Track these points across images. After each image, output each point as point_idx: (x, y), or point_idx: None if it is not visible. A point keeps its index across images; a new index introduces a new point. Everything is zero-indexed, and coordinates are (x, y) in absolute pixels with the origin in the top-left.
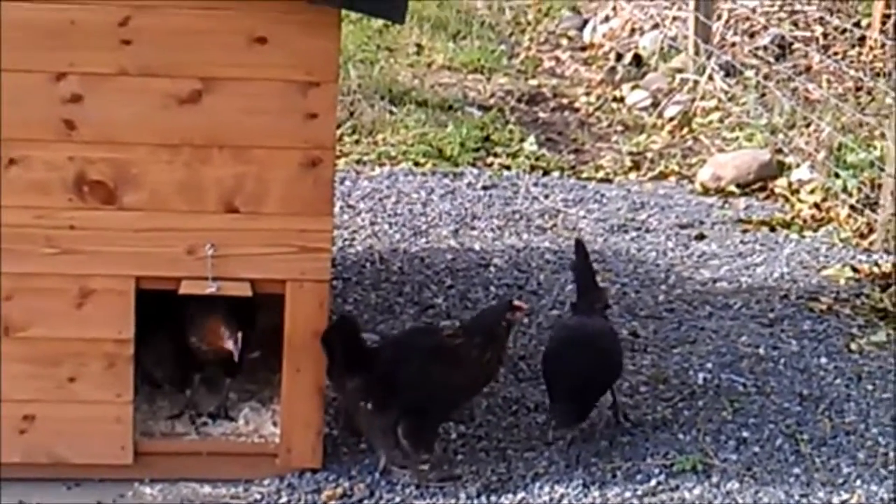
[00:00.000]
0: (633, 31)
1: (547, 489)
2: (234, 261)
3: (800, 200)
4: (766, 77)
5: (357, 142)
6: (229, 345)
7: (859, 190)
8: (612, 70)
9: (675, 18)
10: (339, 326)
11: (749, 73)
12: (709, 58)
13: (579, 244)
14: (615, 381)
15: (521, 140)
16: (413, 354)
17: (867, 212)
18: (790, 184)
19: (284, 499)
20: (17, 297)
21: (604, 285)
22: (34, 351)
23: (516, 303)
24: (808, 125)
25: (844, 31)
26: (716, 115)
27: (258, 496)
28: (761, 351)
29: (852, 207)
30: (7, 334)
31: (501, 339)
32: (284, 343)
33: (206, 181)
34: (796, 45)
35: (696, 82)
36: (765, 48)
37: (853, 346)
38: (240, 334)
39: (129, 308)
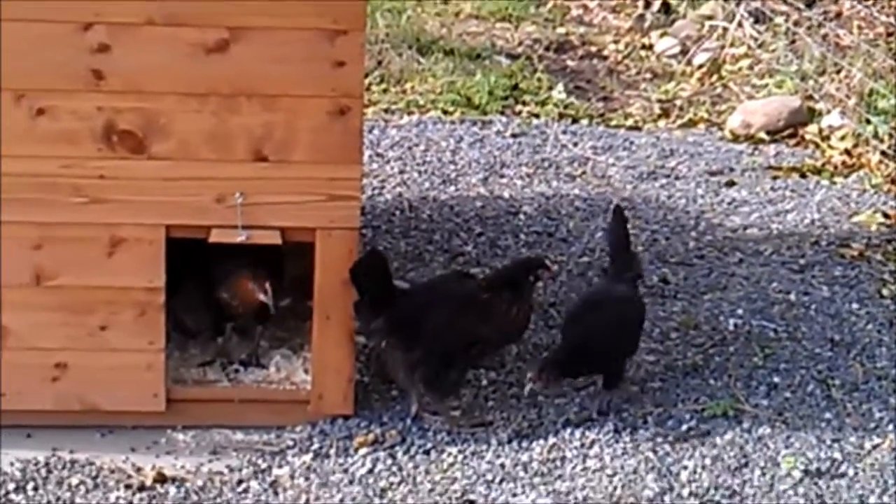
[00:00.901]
0: None
1: (577, 435)
2: (264, 209)
3: (830, 147)
4: (795, 23)
5: (385, 91)
6: (261, 297)
7: (890, 136)
8: (641, 17)
9: None
10: (367, 260)
11: (779, 19)
12: (738, 4)
13: (617, 209)
14: (625, 353)
15: (550, 88)
16: (442, 300)
17: None
18: (820, 130)
19: (316, 445)
20: (48, 247)
21: (638, 250)
22: (65, 299)
23: (546, 262)
24: (838, 71)
25: None
26: (745, 62)
27: (290, 442)
28: (792, 297)
29: (883, 153)
30: (38, 283)
31: (527, 294)
32: (314, 291)
33: (235, 130)
34: None
35: (725, 29)
36: None
37: (885, 292)
38: (269, 284)
39: (160, 256)
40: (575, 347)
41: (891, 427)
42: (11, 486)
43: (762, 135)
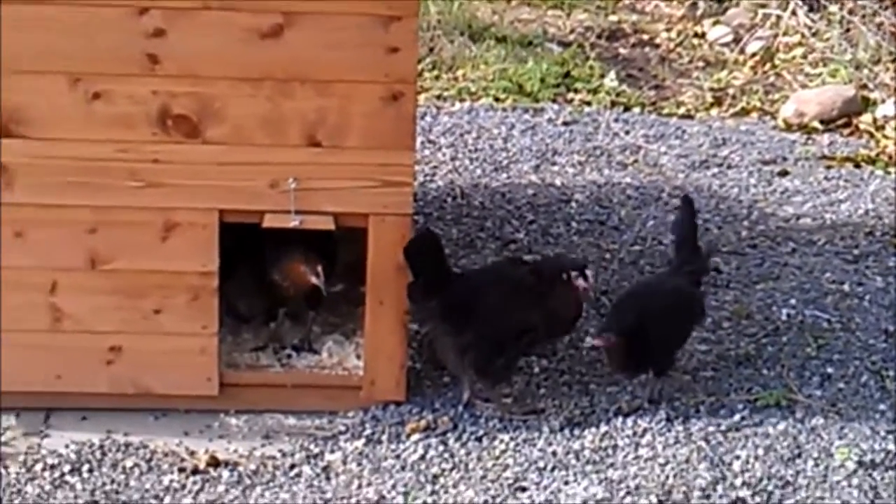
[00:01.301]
0: None
1: (630, 423)
2: (317, 194)
3: (885, 136)
4: (850, 11)
5: (437, 77)
6: (313, 279)
7: None
8: (694, 5)
9: None
10: (421, 239)
11: (833, 7)
12: None
13: (686, 200)
14: (673, 344)
15: (602, 76)
16: (496, 286)
17: None
18: (875, 120)
19: (368, 430)
20: (103, 230)
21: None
22: (120, 283)
23: (582, 283)
24: (893, 60)
25: None
26: (799, 51)
27: (342, 428)
28: (846, 287)
29: None
30: (93, 267)
31: (560, 291)
32: (367, 276)
33: (289, 115)
34: None
35: (778, 17)
36: None
37: None
38: (321, 267)
39: (213, 241)
40: (636, 327)
41: None
42: (67, 467)
43: (816, 124)
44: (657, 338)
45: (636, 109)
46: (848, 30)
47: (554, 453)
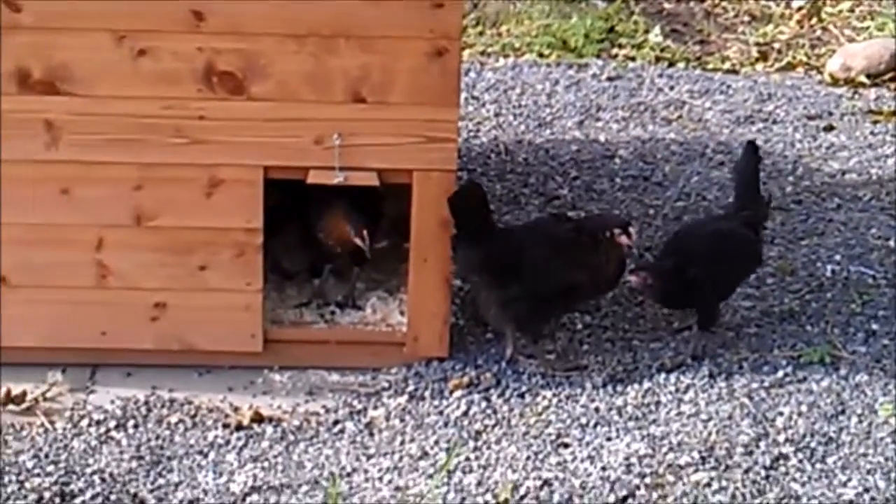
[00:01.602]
0: None
1: (672, 379)
2: (361, 151)
3: None
4: None
5: (481, 33)
6: (357, 241)
7: None
8: None
9: None
10: (466, 191)
11: None
12: None
13: (751, 145)
14: (719, 288)
15: (646, 31)
16: (540, 241)
17: None
18: None
19: (412, 387)
20: (148, 187)
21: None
22: (165, 240)
23: (625, 240)
24: None
25: None
26: (846, 5)
27: (385, 384)
28: (891, 243)
29: None
30: (139, 223)
31: (604, 248)
32: (412, 233)
33: (333, 71)
34: None
35: None
36: None
37: None
38: (365, 229)
39: (258, 197)
40: (674, 268)
41: None
42: (112, 423)
43: (862, 78)
44: (699, 278)
45: (681, 65)
46: None
47: (597, 409)
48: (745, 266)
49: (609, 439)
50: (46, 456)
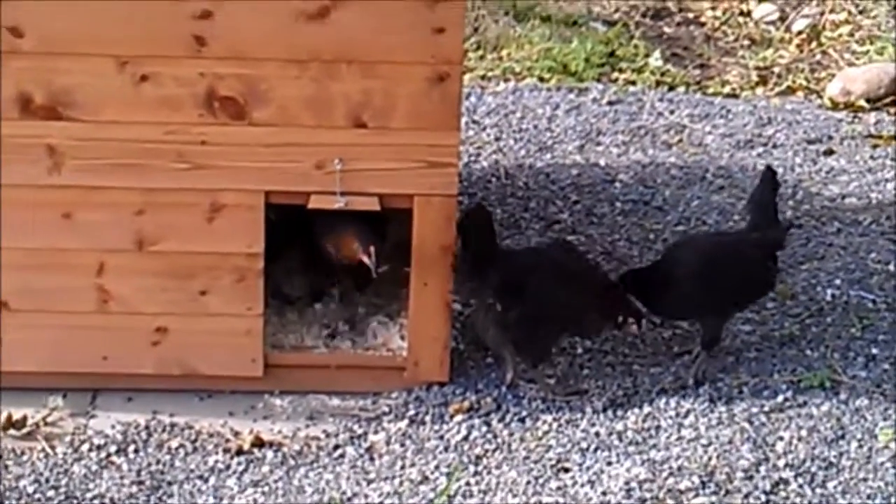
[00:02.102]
0: None
1: (673, 404)
2: (363, 175)
3: None
4: None
5: (481, 57)
6: (364, 259)
7: None
8: None
9: None
10: (476, 212)
11: None
12: None
13: (768, 169)
14: (712, 304)
15: (647, 55)
16: (546, 266)
17: None
18: None
19: (412, 411)
20: (150, 212)
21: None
22: (166, 264)
23: None
24: None
25: None
26: (846, 29)
27: (386, 409)
28: (891, 267)
29: None
30: (140, 248)
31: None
32: (412, 257)
33: (335, 96)
34: None
35: None
36: None
37: None
38: (373, 248)
39: (259, 222)
40: (654, 268)
41: None
42: (113, 448)
43: (862, 102)
44: (682, 280)
45: (681, 89)
46: (895, 7)
47: (597, 434)
48: (743, 284)
49: (609, 464)
50: (47, 481)
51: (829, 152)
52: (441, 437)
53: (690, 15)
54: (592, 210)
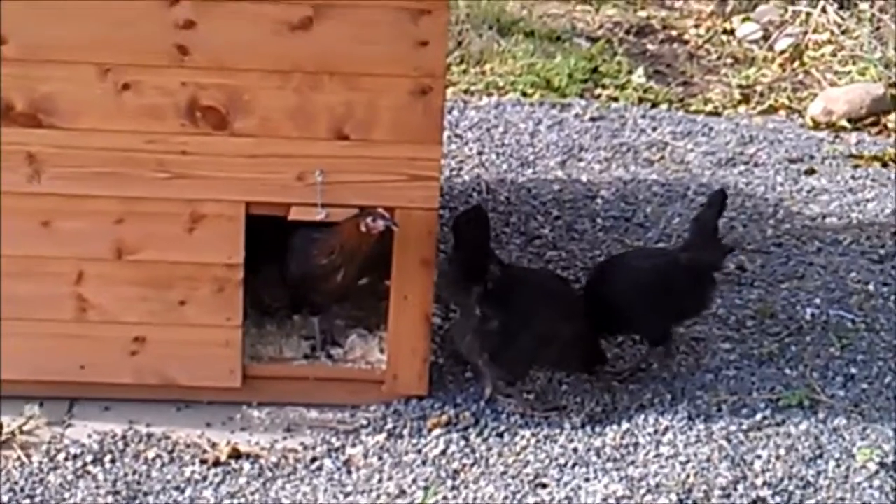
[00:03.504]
0: None
1: (651, 421)
2: (344, 187)
3: None
4: (881, 9)
5: (465, 71)
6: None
7: None
8: (723, 2)
9: None
10: (473, 213)
11: (863, 5)
12: None
13: (719, 193)
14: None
15: (630, 72)
16: (535, 286)
17: None
18: None
19: (390, 425)
20: (129, 221)
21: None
22: (145, 274)
23: None
24: None
25: None
26: (828, 49)
27: (364, 422)
28: (871, 287)
29: None
30: (120, 257)
31: None
32: (392, 270)
33: (317, 108)
34: None
35: (808, 14)
36: None
37: None
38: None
39: (239, 233)
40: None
41: None
42: (89, 457)
43: (844, 122)
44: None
45: (663, 106)
46: (878, 27)
47: (575, 450)
48: (671, 302)
49: (587, 480)
50: (22, 490)
51: (811, 171)
52: (419, 451)
53: (674, 33)
54: (573, 226)
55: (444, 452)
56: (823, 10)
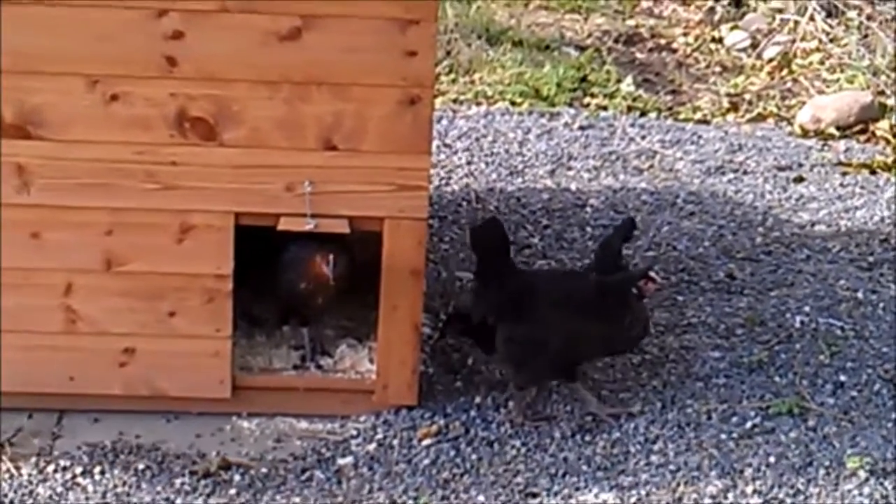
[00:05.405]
0: None
1: (641, 430)
2: (333, 198)
3: None
4: (868, 17)
5: (454, 81)
6: (324, 269)
7: None
8: (711, 10)
9: None
10: (490, 224)
11: (851, 13)
12: None
13: (628, 221)
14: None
15: (619, 81)
16: (556, 291)
17: None
18: (892, 126)
19: (380, 435)
20: (119, 232)
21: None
22: (135, 285)
23: (651, 274)
24: None
25: None
26: (816, 57)
27: (354, 432)
28: (860, 295)
29: None
30: (109, 268)
31: (633, 305)
32: (382, 280)
33: (305, 118)
34: None
35: (796, 23)
36: None
37: None
38: (332, 256)
39: (229, 244)
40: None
41: None
42: (79, 469)
43: (832, 130)
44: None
45: (652, 114)
46: (866, 35)
47: (565, 459)
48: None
49: (578, 489)
50: (12, 502)
51: (800, 179)
52: (409, 461)
53: (662, 41)
54: (563, 234)
55: (434, 462)
56: (811, 19)
